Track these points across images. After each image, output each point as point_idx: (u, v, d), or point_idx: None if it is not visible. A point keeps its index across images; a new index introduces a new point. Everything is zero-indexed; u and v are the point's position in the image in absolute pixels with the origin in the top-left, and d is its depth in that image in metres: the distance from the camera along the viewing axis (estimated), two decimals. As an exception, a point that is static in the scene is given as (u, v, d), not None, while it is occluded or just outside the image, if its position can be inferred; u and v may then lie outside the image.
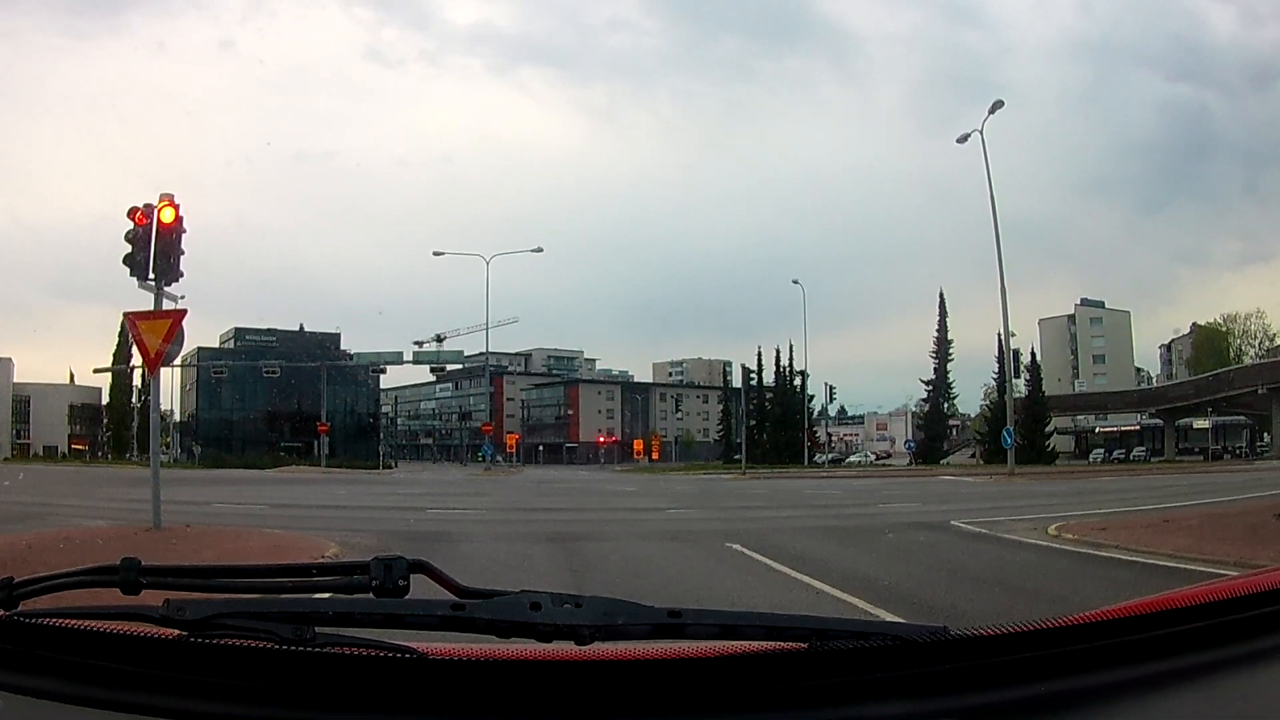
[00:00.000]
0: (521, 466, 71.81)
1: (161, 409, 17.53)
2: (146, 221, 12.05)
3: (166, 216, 12.08)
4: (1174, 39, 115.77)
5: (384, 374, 73.82)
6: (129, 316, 12.17)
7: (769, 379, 73.68)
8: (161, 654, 1.11)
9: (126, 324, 13.34)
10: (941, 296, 69.09)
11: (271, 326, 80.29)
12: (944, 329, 67.75)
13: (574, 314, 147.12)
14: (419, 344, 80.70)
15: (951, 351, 67.97)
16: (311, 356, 71.71)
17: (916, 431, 71.95)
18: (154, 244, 12.11)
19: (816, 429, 71.97)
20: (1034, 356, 65.66)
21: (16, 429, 77.52)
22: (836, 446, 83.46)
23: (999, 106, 40.00)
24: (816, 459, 65.56)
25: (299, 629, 1.10)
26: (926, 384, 68.95)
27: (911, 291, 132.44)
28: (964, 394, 73.57)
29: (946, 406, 69.50)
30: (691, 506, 21.47)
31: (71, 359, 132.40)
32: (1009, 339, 47.76)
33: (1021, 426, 51.40)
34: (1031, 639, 1.15)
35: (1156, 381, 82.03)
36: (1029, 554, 10.81)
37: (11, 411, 77.25)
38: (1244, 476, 29.11)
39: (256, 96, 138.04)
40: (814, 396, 70.69)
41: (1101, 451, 71.34)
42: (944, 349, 67.89)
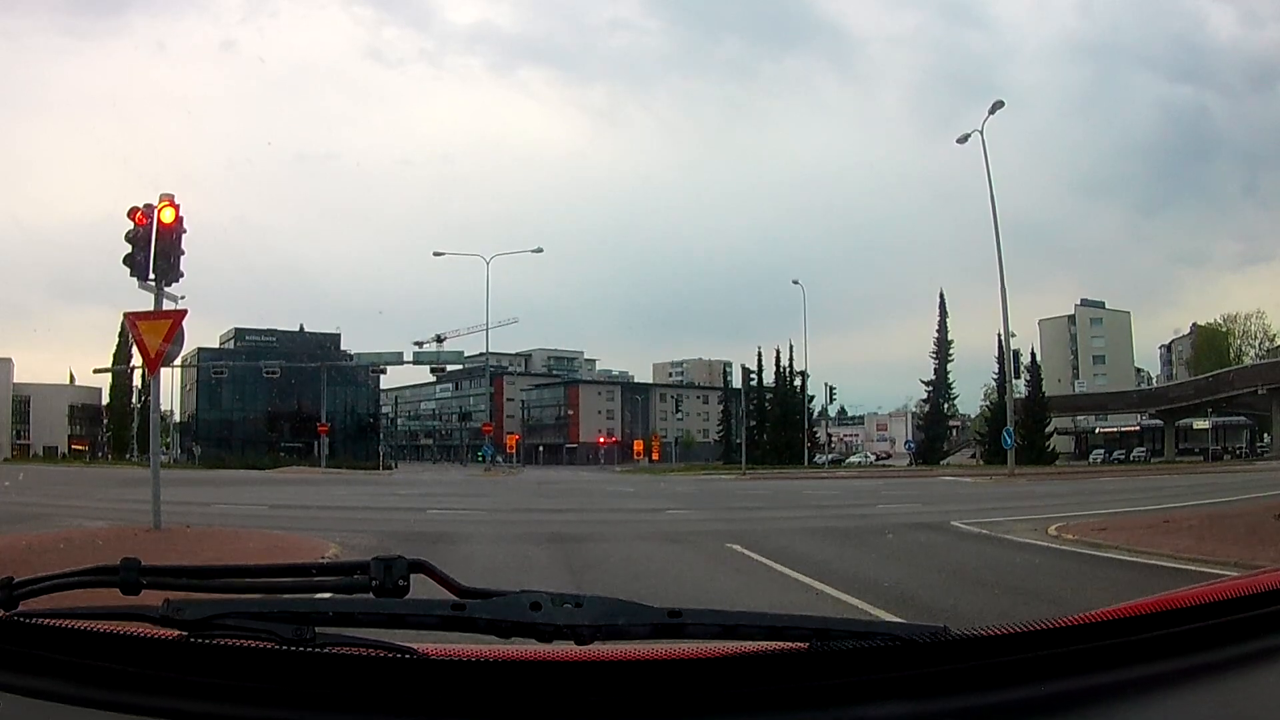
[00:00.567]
0: (521, 467, 71.79)
1: (161, 409, 17.54)
2: (147, 222, 12.06)
3: (167, 217, 12.09)
4: (1174, 40, 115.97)
5: (384, 374, 74.00)
6: (129, 317, 12.17)
7: (769, 379, 73.79)
8: (161, 654, 1.11)
9: (126, 324, 13.34)
10: (942, 297, 69.29)
11: (271, 327, 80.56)
12: (944, 329, 67.88)
13: (574, 314, 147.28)
14: (419, 344, 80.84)
15: (951, 352, 68.12)
16: (311, 357, 71.75)
17: (916, 432, 72.01)
18: (154, 244, 12.12)
19: (816, 429, 71.96)
20: (1034, 357, 65.78)
21: (16, 429, 77.55)
22: (836, 447, 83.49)
23: (999, 107, 40.09)
24: (816, 459, 65.55)
25: (299, 629, 1.10)
26: (927, 384, 69.11)
27: (912, 292, 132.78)
28: (964, 394, 73.69)
29: (946, 407, 69.54)
30: (691, 507, 21.46)
31: (71, 359, 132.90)
32: (1009, 339, 47.89)
33: (1021, 427, 51.42)
34: (1032, 639, 1.15)
35: (1156, 382, 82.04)
36: (1029, 555, 10.80)
37: (11, 412, 77.26)
38: (1244, 477, 29.10)
39: (257, 96, 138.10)
40: (814, 397, 70.83)
41: (1101, 452, 71.36)
42: (944, 349, 67.94)
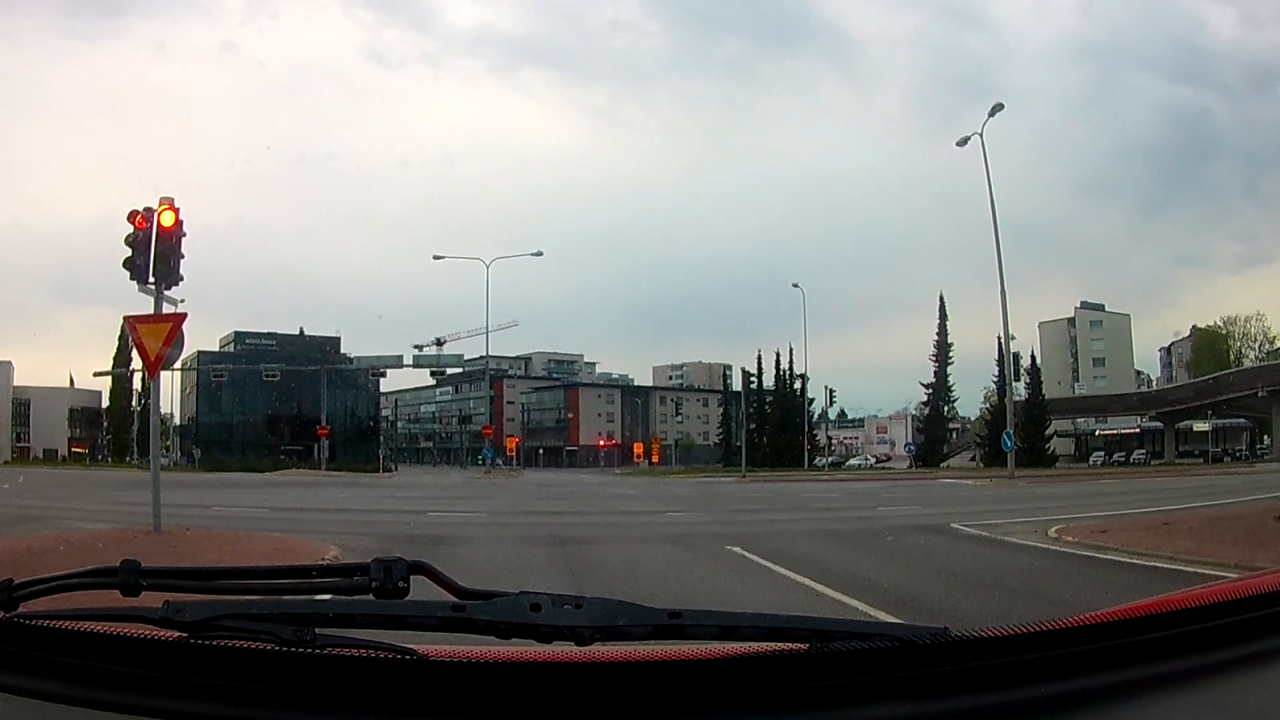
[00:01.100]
0: (521, 470, 71.81)
1: (161, 412, 17.54)
2: (146, 225, 12.06)
3: (166, 220, 12.09)
4: (1175, 41, 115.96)
5: (384, 377, 74.25)
6: (129, 320, 12.18)
7: (769, 382, 73.82)
8: (161, 655, 1.11)
9: (126, 327, 13.35)
10: (941, 299, 69.35)
11: (271, 330, 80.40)
12: (944, 332, 67.92)
13: (574, 317, 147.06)
14: (419, 347, 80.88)
15: (951, 354, 68.18)
16: (311, 360, 71.76)
17: (916, 434, 72.00)
18: (154, 247, 12.12)
19: (816, 432, 71.99)
20: (1034, 359, 65.87)
21: (16, 432, 77.55)
22: (836, 450, 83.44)
23: (999, 109, 40.18)
24: (816, 462, 65.57)
25: (299, 630, 1.10)
26: (926, 387, 69.12)
27: (911, 294, 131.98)
28: (964, 397, 73.57)
29: (946, 409, 69.56)
30: (691, 510, 21.46)
31: (71, 362, 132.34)
32: (1009, 342, 47.98)
33: (1021, 429, 51.44)
34: (1032, 640, 1.15)
35: (1156, 384, 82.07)
36: (1029, 556, 10.80)
37: (11, 415, 77.24)
38: (1244, 479, 29.11)
39: (257, 98, 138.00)
40: (814, 400, 70.90)
41: (1101, 454, 71.40)
42: (944, 352, 67.98)
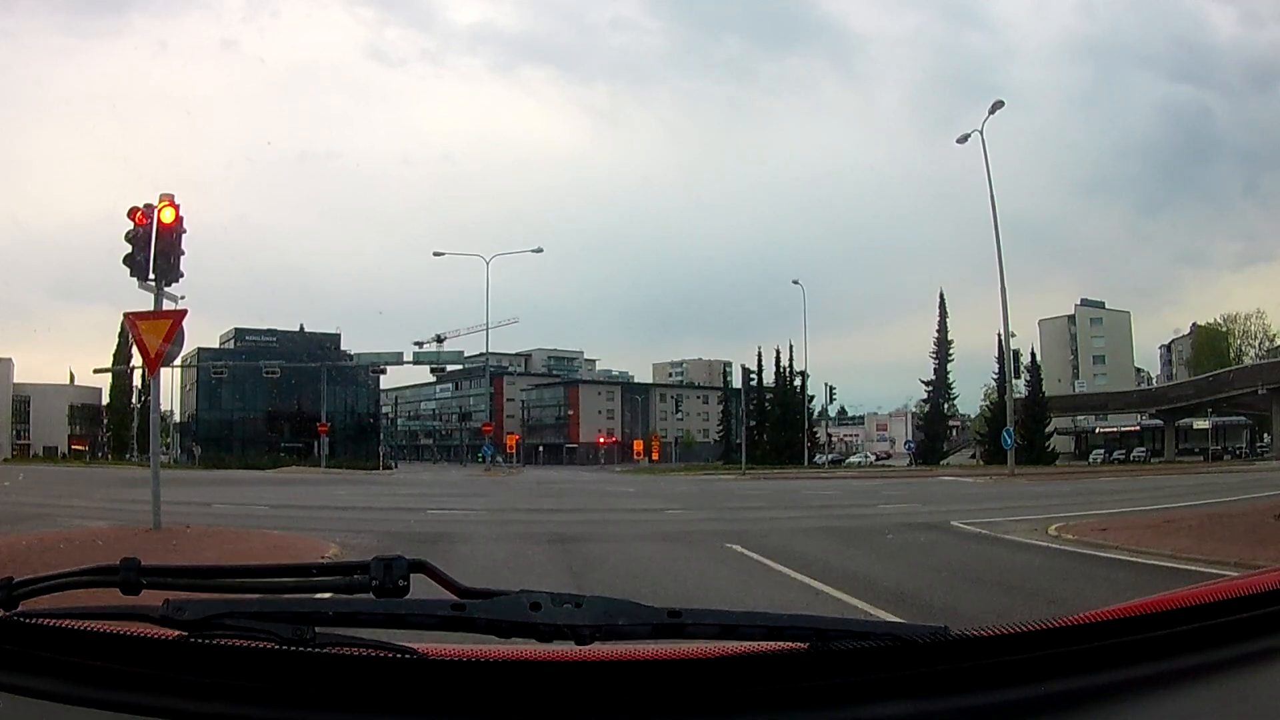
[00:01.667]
0: (521, 467, 71.77)
1: (161, 409, 17.54)
2: (147, 222, 12.06)
3: (167, 217, 12.09)
4: (1175, 40, 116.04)
5: (384, 374, 73.92)
6: (129, 317, 12.17)
7: (769, 380, 73.80)
8: (161, 654, 1.11)
9: (126, 324, 13.34)
10: (942, 297, 69.34)
11: (271, 327, 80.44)
12: (944, 329, 67.90)
13: (574, 314, 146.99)
14: (419, 344, 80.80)
15: (951, 352, 68.13)
16: (311, 357, 71.78)
17: (916, 432, 72.00)
18: (154, 244, 12.12)
19: (816, 430, 71.95)
20: (1034, 357, 65.81)
21: (16, 429, 77.57)
22: (836, 447, 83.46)
23: (999, 107, 40.08)
24: (816, 460, 65.56)
25: (299, 629, 1.10)
26: (926, 384, 69.12)
27: (912, 292, 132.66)
28: (964, 394, 73.86)
29: (946, 407, 69.56)
30: (691, 507, 21.45)
31: (71, 359, 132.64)
32: (1009, 339, 47.90)
33: (1021, 427, 51.40)
34: (1032, 639, 1.15)
35: (1156, 382, 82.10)
36: (1029, 555, 10.81)
37: (11, 412, 77.30)
38: (1244, 477, 29.13)
39: (258, 96, 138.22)
40: (814, 397, 70.83)
41: (1101, 452, 71.41)
42: (944, 349, 67.96)
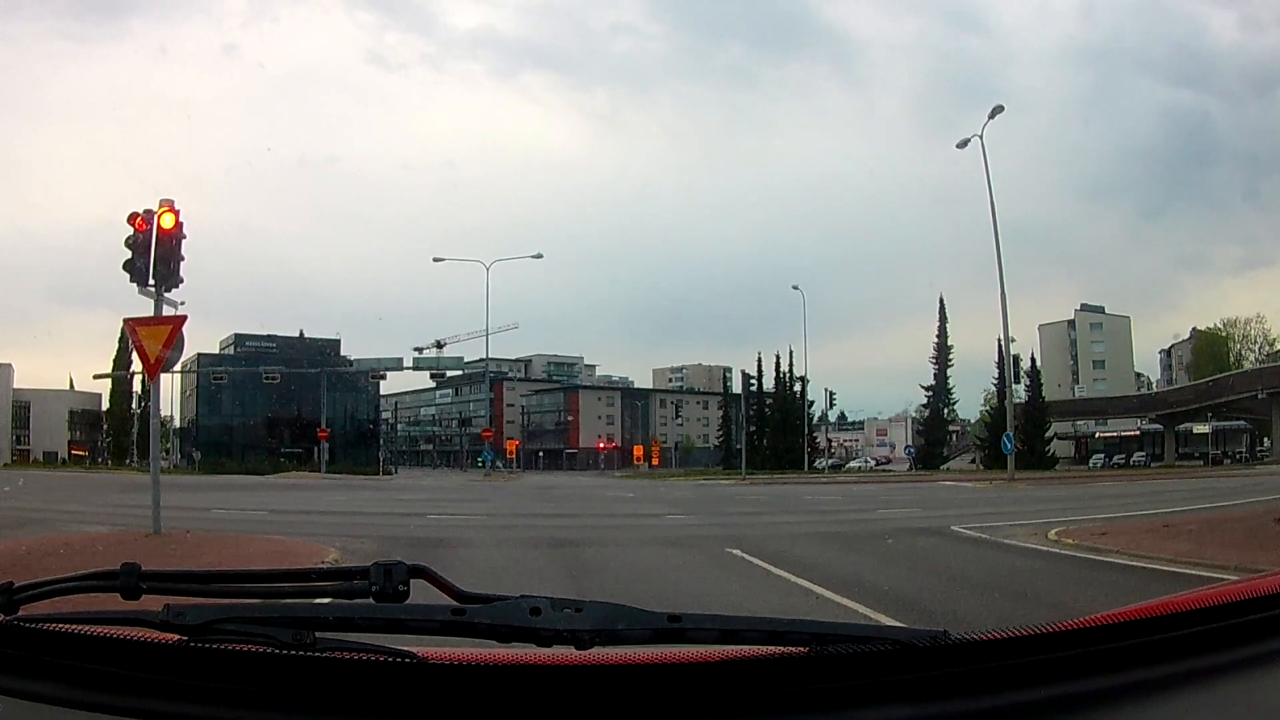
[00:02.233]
0: (521, 472, 71.78)
1: (161, 415, 17.53)
2: (147, 227, 12.07)
3: (167, 222, 12.10)
4: (1175, 45, 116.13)
5: (384, 380, 74.12)
6: (129, 322, 12.18)
7: (769, 385, 73.86)
8: (161, 659, 1.11)
9: (126, 330, 13.35)
10: (942, 302, 69.47)
11: (271, 332, 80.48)
12: (944, 334, 68.00)
13: (574, 320, 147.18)
14: (419, 350, 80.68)
15: (951, 357, 68.23)
16: (311, 362, 71.81)
17: (916, 437, 72.00)
18: (154, 250, 12.13)
19: (816, 435, 72.00)
20: (1034, 362, 65.96)
21: (16, 435, 77.62)
22: (836, 452, 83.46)
23: (999, 111, 40.16)
24: (816, 464, 65.60)
25: (299, 634, 1.10)
26: (926, 389, 69.14)
27: (912, 297, 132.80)
28: (964, 399, 73.93)
29: (946, 412, 69.61)
30: (691, 512, 21.44)
31: (71, 365, 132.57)
32: (1009, 344, 47.93)
33: (1021, 432, 51.44)
34: (1032, 643, 1.15)
35: (1156, 387, 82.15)
36: (1029, 559, 10.80)
37: (11, 417, 77.34)
38: (1244, 481, 29.10)
39: (258, 101, 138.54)
40: (814, 402, 70.93)
41: (1101, 457, 71.37)
42: (944, 354, 68.01)
